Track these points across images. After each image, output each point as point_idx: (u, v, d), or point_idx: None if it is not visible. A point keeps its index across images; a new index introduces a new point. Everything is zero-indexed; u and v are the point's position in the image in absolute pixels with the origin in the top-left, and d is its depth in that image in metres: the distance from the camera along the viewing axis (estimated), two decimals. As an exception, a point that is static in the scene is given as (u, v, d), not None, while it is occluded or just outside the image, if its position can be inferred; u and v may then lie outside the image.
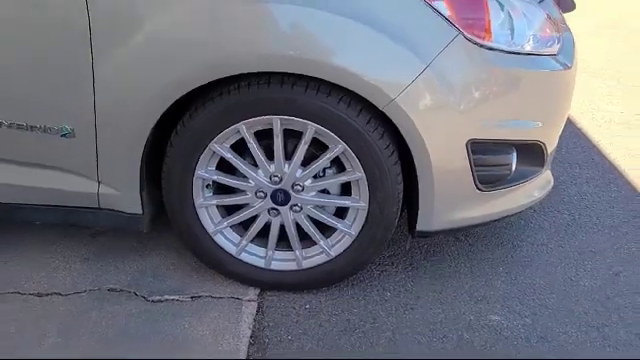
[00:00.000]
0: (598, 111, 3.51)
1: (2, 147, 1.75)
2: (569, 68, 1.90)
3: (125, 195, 1.79)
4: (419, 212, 1.78)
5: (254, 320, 1.81)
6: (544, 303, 1.94)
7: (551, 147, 1.97)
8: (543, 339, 1.79)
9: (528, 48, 1.80)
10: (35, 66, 1.65)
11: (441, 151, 1.70)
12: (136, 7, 1.61)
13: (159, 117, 1.67)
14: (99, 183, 1.79)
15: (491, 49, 1.69)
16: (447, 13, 1.62)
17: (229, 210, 1.86)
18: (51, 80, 1.65)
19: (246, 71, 1.61)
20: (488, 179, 1.81)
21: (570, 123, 3.33)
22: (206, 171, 1.77)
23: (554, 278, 2.05)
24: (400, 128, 1.66)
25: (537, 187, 1.99)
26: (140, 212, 1.82)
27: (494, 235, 2.27)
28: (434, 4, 1.62)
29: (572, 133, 3.20)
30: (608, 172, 2.79)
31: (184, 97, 1.65)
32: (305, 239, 1.85)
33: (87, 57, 1.60)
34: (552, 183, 2.10)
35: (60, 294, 1.87)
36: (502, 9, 1.74)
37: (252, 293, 1.90)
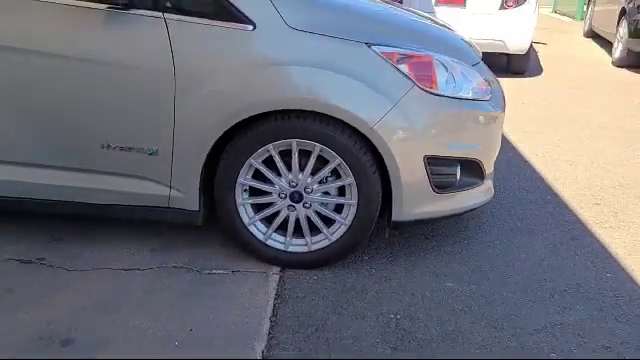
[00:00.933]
0: (549, 153, 4.33)
1: (110, 163, 2.54)
2: (498, 110, 2.73)
3: (188, 196, 2.56)
4: (393, 207, 2.55)
5: (277, 285, 2.55)
6: (486, 277, 2.68)
7: (488, 166, 2.76)
8: (482, 297, 2.52)
9: (468, 96, 2.63)
10: (138, 107, 2.44)
11: (406, 163, 2.48)
12: (207, 62, 2.41)
13: (215, 141, 2.48)
14: (170, 188, 2.56)
15: (438, 95, 2.52)
16: (406, 71, 2.46)
17: (259, 207, 2.63)
18: (147, 116, 2.45)
19: (274, 108, 2.42)
20: (441, 184, 2.59)
21: (525, 162, 4.15)
22: (245, 179, 2.56)
23: (496, 263, 2.80)
24: (378, 147, 2.45)
25: (480, 192, 2.77)
26: (197, 209, 2.59)
27: (454, 235, 3.03)
28: (399, 66, 2.46)
29: (525, 169, 4.01)
30: (548, 195, 3.58)
31: (232, 127, 2.47)
32: (313, 229, 2.62)
33: (171, 100, 2.42)
34: (492, 192, 2.88)
35: (139, 269, 2.62)
36: (446, 70, 2.58)
37: (275, 269, 2.65)
